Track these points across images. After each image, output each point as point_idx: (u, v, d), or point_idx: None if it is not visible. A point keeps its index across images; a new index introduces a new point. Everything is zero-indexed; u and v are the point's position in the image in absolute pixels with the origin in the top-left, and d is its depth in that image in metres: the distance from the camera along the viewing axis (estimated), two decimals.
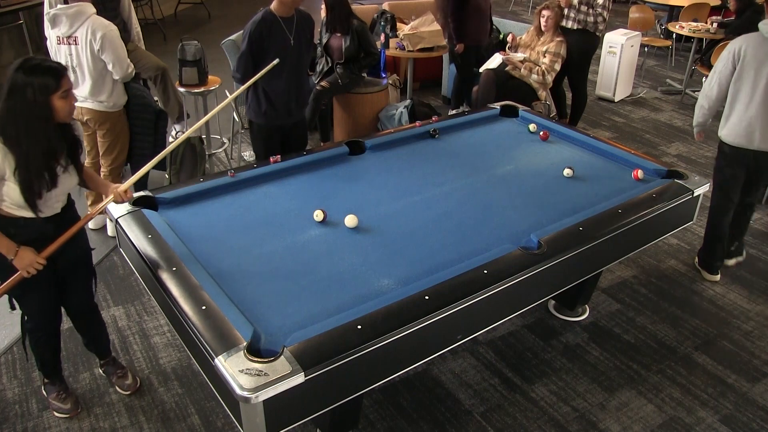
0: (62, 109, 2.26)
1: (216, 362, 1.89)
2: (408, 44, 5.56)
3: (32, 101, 2.17)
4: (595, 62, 5.96)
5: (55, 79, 2.21)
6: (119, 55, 3.64)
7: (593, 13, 5.10)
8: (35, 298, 2.57)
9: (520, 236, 2.61)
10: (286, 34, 3.52)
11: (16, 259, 2.33)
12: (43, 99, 2.19)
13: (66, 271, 2.62)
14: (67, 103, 2.27)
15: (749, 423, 2.84)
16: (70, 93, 2.29)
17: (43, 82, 2.18)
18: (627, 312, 3.53)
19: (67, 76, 2.28)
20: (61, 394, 2.83)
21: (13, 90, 2.17)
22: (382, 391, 2.93)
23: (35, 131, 2.22)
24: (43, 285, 2.52)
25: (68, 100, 2.28)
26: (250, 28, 3.49)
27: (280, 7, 3.50)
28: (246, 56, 3.53)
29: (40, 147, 2.24)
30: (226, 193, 2.94)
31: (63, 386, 2.86)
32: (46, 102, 2.20)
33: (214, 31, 8.85)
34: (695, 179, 3.07)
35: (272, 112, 3.69)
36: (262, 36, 3.48)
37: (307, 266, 2.44)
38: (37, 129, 2.22)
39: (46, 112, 2.22)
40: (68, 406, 2.81)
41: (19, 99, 2.17)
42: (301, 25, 3.60)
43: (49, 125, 2.25)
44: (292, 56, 3.58)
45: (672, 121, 6.25)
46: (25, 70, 2.18)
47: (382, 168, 3.26)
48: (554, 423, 2.81)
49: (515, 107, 3.95)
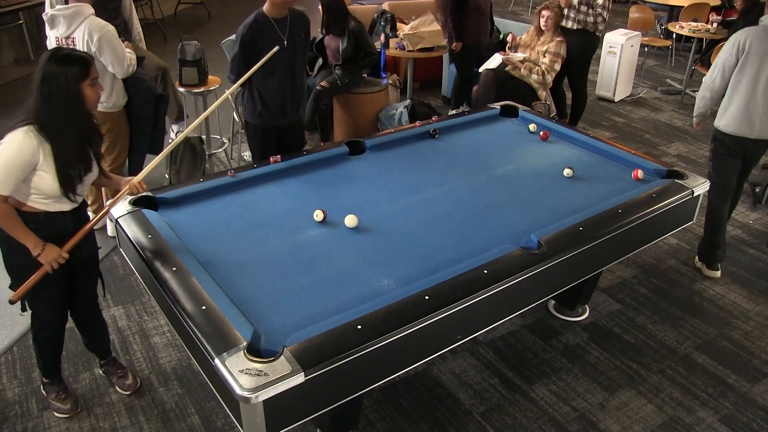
0: (90, 96, 2.34)
1: (216, 362, 1.89)
2: (408, 44, 5.56)
3: (66, 89, 2.26)
4: (595, 62, 5.96)
5: (84, 68, 2.29)
6: (118, 55, 3.63)
7: (593, 13, 5.10)
8: (47, 298, 2.59)
9: (520, 236, 2.61)
10: (279, 35, 3.51)
11: (43, 254, 2.39)
12: (75, 86, 2.28)
13: (78, 269, 2.66)
14: (94, 91, 2.35)
15: (749, 423, 2.84)
16: (98, 81, 2.37)
17: (74, 70, 2.27)
18: (627, 312, 3.53)
19: (95, 64, 2.36)
20: (60, 394, 2.83)
21: (46, 79, 2.25)
22: (382, 391, 2.93)
23: (72, 117, 2.31)
24: (54, 284, 2.55)
25: (95, 88, 2.36)
26: (242, 32, 3.48)
27: (272, 8, 3.49)
28: (239, 59, 3.54)
29: (76, 132, 2.34)
30: (226, 193, 2.94)
31: (62, 386, 2.86)
32: (78, 89, 2.29)
33: (214, 31, 8.86)
34: (695, 179, 3.06)
35: (266, 112, 3.68)
36: (255, 38, 3.47)
37: (307, 266, 2.44)
38: (72, 115, 2.31)
39: (79, 99, 2.31)
40: (68, 406, 2.82)
41: (54, 87, 2.25)
42: (295, 25, 3.59)
43: (83, 111, 2.34)
44: (285, 57, 3.57)
45: (672, 121, 6.25)
46: (56, 60, 2.26)
47: (382, 168, 3.26)
48: (554, 423, 2.81)
49: (515, 107, 3.95)
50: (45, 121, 2.28)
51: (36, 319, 2.66)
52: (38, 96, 2.26)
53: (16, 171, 2.26)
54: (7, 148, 2.26)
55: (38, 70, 2.26)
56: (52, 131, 2.29)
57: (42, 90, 2.26)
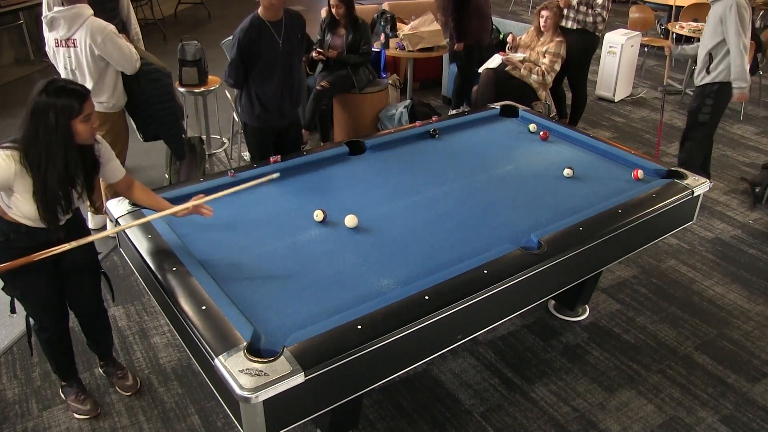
0: (83, 132, 2.23)
1: (216, 362, 1.88)
2: (408, 44, 5.56)
3: (54, 124, 2.15)
4: (595, 62, 5.96)
5: (78, 102, 2.19)
6: (125, 54, 3.64)
7: (592, 13, 5.10)
8: (34, 299, 2.55)
9: (520, 236, 2.61)
10: (275, 37, 3.53)
11: None
12: (65, 122, 2.16)
13: (68, 272, 2.61)
14: (88, 126, 2.24)
15: (749, 423, 2.84)
16: (92, 116, 2.26)
17: (67, 104, 2.16)
18: (627, 312, 3.53)
19: (91, 99, 2.25)
20: (79, 396, 2.82)
21: (35, 112, 2.15)
22: (382, 391, 2.93)
23: (54, 156, 2.19)
24: (42, 286, 2.52)
25: (89, 123, 2.25)
26: (239, 35, 3.50)
27: (266, 11, 3.51)
28: (237, 63, 3.56)
29: (57, 172, 2.21)
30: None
31: (81, 387, 2.85)
32: (68, 125, 2.18)
33: (214, 31, 8.87)
34: (695, 179, 3.06)
35: (265, 114, 3.71)
36: (252, 41, 3.49)
37: (307, 266, 2.44)
38: (56, 153, 2.19)
39: (67, 136, 2.19)
40: (88, 407, 2.81)
41: (42, 121, 2.15)
42: (291, 25, 3.60)
43: (69, 150, 2.22)
44: (282, 59, 3.59)
45: (672, 121, 6.24)
46: (48, 92, 2.15)
47: (382, 168, 3.26)
48: (554, 423, 2.81)
49: (515, 107, 3.95)
50: (29, 153, 2.19)
51: (34, 322, 2.64)
52: (26, 127, 2.17)
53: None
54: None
55: (30, 100, 2.16)
56: (34, 165, 2.19)
57: (30, 121, 2.16)
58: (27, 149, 2.19)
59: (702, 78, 4.33)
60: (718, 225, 4.43)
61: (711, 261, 4.02)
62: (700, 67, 4.35)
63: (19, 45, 7.58)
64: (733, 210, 4.62)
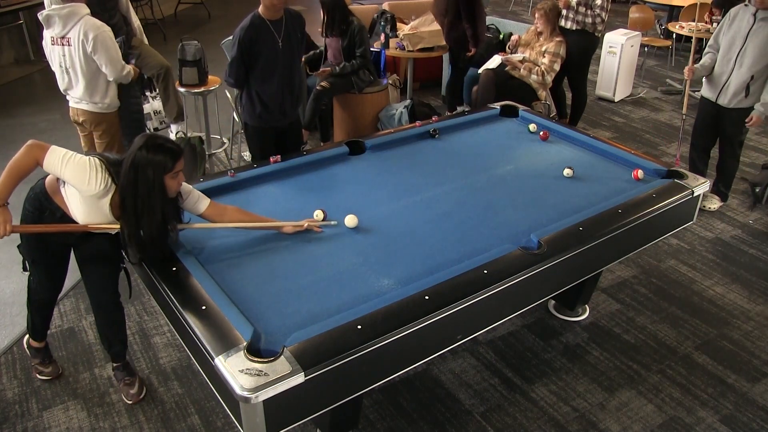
0: (171, 187, 2.37)
1: (216, 362, 1.89)
2: (408, 44, 5.56)
3: (152, 179, 2.30)
4: (595, 62, 5.96)
5: (172, 161, 2.32)
6: (112, 56, 3.63)
7: (591, 14, 5.10)
8: (42, 268, 2.75)
9: (520, 236, 2.61)
10: (275, 36, 3.53)
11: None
12: (159, 178, 2.32)
13: (86, 260, 2.72)
14: (176, 182, 2.38)
15: (749, 423, 2.84)
16: (180, 174, 2.39)
17: (162, 161, 2.30)
18: (627, 312, 3.53)
19: (182, 158, 2.38)
20: (45, 361, 3.01)
21: (135, 165, 2.30)
22: (382, 391, 2.93)
23: (152, 204, 2.34)
24: (53, 260, 2.73)
25: (177, 179, 2.39)
26: (239, 35, 3.50)
27: (266, 11, 3.51)
28: (237, 62, 3.56)
29: (155, 218, 2.36)
30: (226, 193, 2.94)
31: (47, 354, 3.04)
32: (161, 180, 2.33)
33: (214, 31, 8.87)
34: (695, 179, 3.06)
35: (266, 114, 3.72)
36: (252, 41, 3.50)
37: (307, 266, 2.44)
38: (153, 203, 2.34)
39: (162, 189, 2.34)
40: (49, 369, 3.02)
41: (141, 175, 2.30)
42: (290, 24, 3.61)
43: (165, 199, 2.38)
44: (282, 58, 3.60)
45: (672, 121, 6.25)
46: (148, 148, 2.30)
47: (382, 168, 3.26)
48: (554, 423, 2.81)
49: (515, 107, 3.95)
50: (126, 201, 2.35)
51: (32, 281, 2.82)
52: (125, 177, 2.32)
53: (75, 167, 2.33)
54: (84, 164, 2.34)
55: (130, 152, 2.32)
56: (129, 210, 2.36)
57: (129, 173, 2.31)
58: (124, 196, 2.35)
59: (739, 101, 4.11)
60: (718, 225, 4.43)
61: (711, 261, 4.02)
62: (736, 89, 4.07)
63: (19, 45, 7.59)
64: (733, 210, 4.62)
